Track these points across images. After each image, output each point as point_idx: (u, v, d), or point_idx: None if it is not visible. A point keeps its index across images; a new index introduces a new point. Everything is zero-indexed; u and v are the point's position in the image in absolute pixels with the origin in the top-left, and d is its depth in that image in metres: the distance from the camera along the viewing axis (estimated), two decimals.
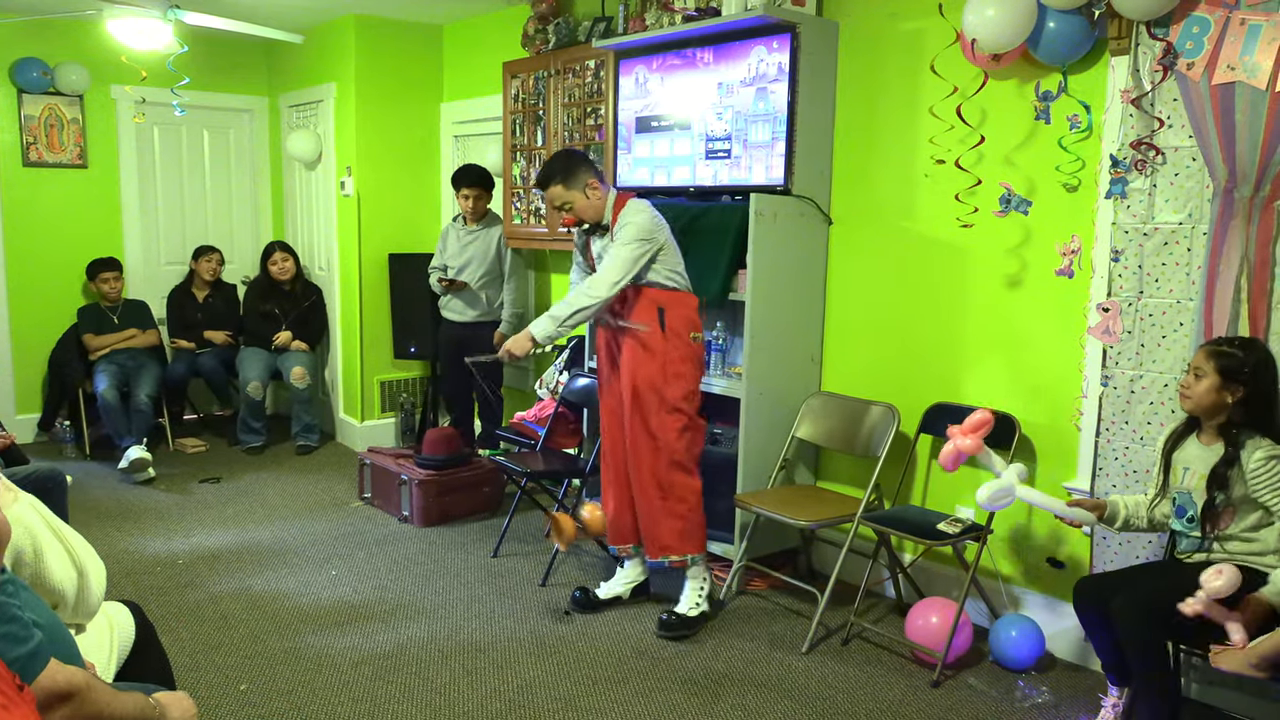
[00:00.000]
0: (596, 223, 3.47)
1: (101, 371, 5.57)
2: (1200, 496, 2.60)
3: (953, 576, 3.58)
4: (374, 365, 6.01)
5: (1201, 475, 2.60)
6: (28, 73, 5.71)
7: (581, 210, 3.42)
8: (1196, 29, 2.84)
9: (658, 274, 3.39)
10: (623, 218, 3.38)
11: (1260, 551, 2.55)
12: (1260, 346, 2.60)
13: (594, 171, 3.44)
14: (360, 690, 3.07)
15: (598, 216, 3.45)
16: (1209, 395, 2.56)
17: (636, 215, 3.36)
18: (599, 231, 3.50)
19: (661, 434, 3.42)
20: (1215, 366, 2.54)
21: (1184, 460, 2.68)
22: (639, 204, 3.42)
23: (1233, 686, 2.91)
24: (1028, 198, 3.31)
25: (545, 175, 3.43)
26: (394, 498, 4.79)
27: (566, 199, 3.40)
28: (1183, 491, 2.66)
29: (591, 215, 3.44)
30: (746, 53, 3.84)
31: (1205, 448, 2.63)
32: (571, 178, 3.38)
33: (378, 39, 5.73)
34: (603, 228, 3.47)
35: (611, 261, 3.32)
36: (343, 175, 5.88)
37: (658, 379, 3.40)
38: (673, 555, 3.50)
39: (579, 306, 3.31)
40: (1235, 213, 2.79)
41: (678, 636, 3.44)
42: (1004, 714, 2.99)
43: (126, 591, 3.73)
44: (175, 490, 5.17)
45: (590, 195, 3.40)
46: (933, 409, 3.61)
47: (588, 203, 3.41)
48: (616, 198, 3.46)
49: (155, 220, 6.42)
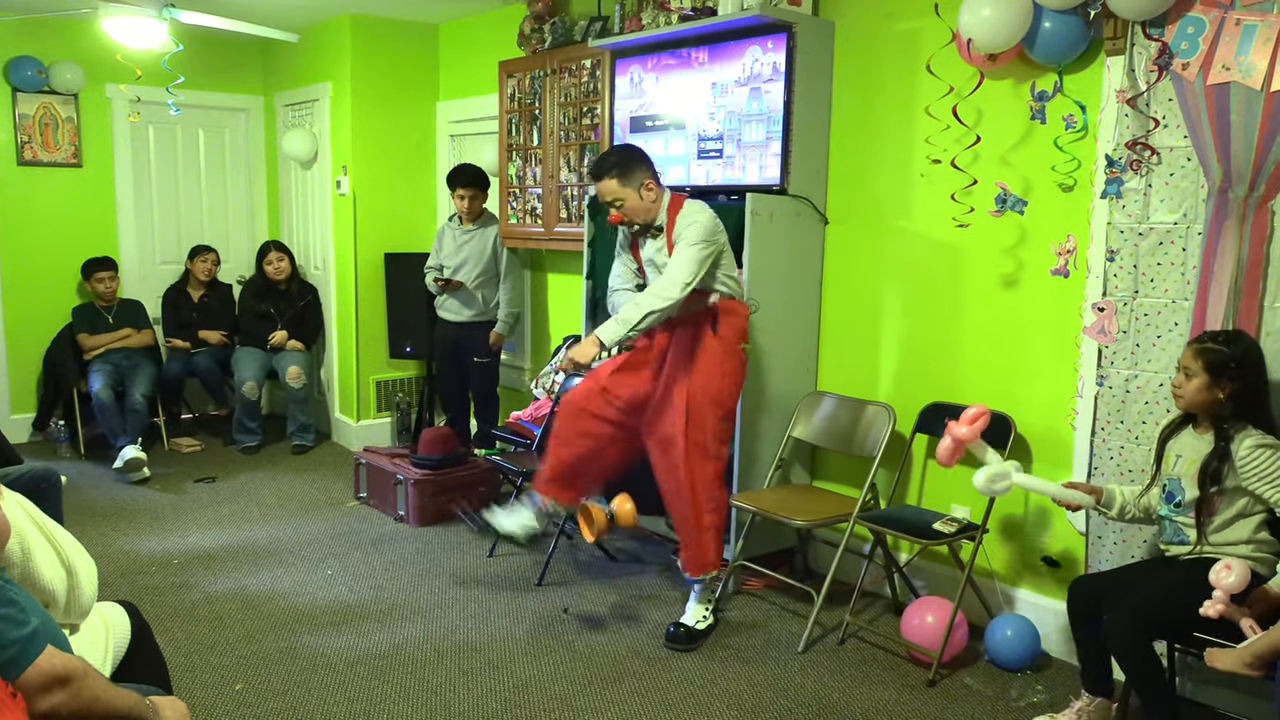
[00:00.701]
0: (647, 223, 3.34)
1: (96, 371, 5.56)
2: (1190, 485, 2.63)
3: (948, 576, 3.59)
4: (370, 365, 6.01)
5: (1192, 461, 2.62)
6: (22, 71, 5.70)
7: (632, 209, 3.28)
8: (1192, 29, 2.85)
9: (715, 278, 3.28)
10: (683, 218, 3.24)
11: (1233, 541, 2.58)
12: (1245, 339, 2.62)
13: (652, 171, 3.30)
14: (356, 690, 3.07)
15: (649, 217, 3.32)
16: (1200, 393, 2.58)
17: (700, 214, 3.23)
18: (649, 232, 3.36)
19: (714, 445, 3.33)
20: (1203, 364, 2.56)
21: (1177, 448, 2.71)
22: (697, 205, 3.29)
23: (1227, 685, 2.92)
24: (1023, 197, 3.31)
25: (601, 168, 3.28)
26: (390, 497, 4.79)
27: (620, 195, 3.26)
28: (1172, 478, 2.69)
29: (642, 215, 3.31)
30: (741, 52, 3.84)
31: (1199, 437, 2.66)
32: (628, 174, 3.24)
33: (373, 38, 5.72)
34: (655, 229, 3.34)
35: (681, 261, 3.16)
36: (338, 174, 5.88)
37: (711, 386, 3.29)
38: (712, 572, 3.43)
39: (650, 309, 3.13)
40: (1230, 213, 2.80)
41: (685, 649, 3.36)
42: (1000, 713, 3.00)
43: (121, 591, 3.73)
44: (170, 490, 5.16)
45: (644, 195, 3.27)
46: (928, 408, 3.61)
47: (640, 202, 3.28)
48: (672, 199, 3.33)
49: (150, 220, 6.41)
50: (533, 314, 5.52)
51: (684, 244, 3.19)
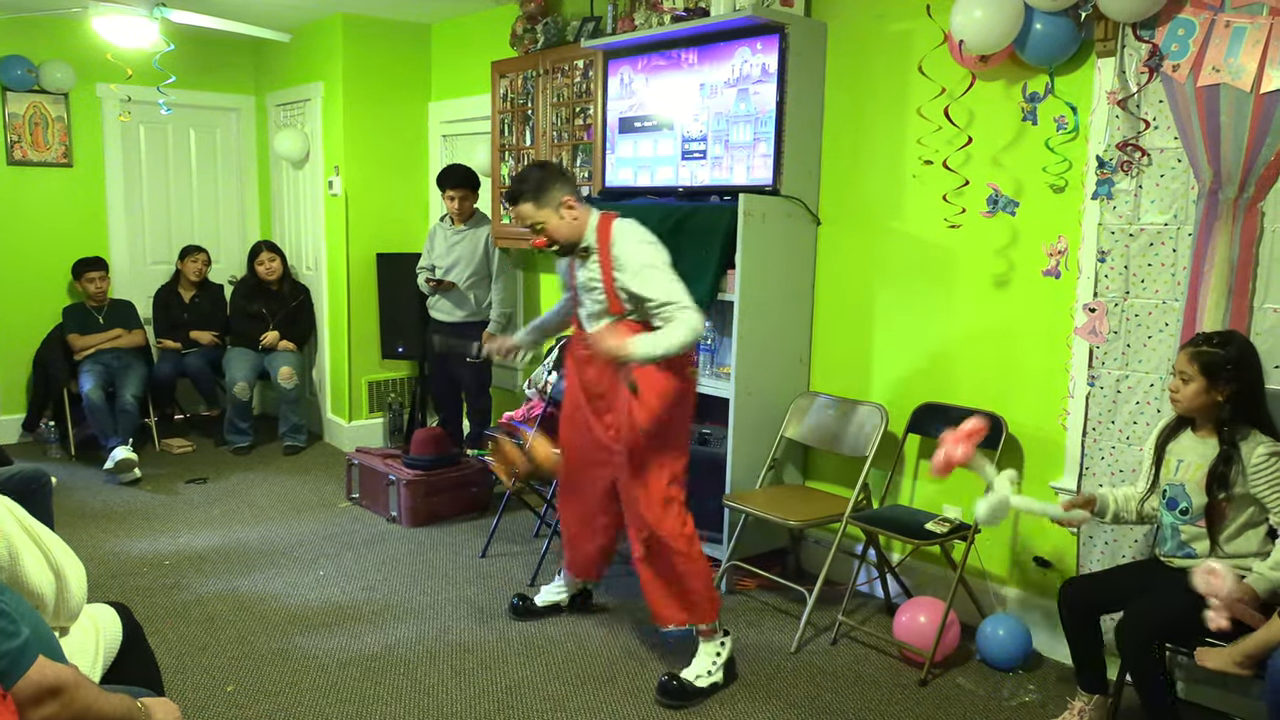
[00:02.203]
0: (573, 244, 3.08)
1: (87, 372, 5.53)
2: (1196, 492, 2.58)
3: (940, 576, 3.60)
4: (362, 365, 5.99)
5: (1198, 466, 2.58)
6: (12, 70, 5.67)
7: (554, 231, 3.03)
8: (1182, 31, 2.86)
9: None
10: (623, 243, 2.99)
11: (1245, 553, 2.55)
12: (1239, 339, 2.60)
13: (571, 189, 3.06)
14: (348, 691, 3.07)
15: (575, 238, 3.06)
16: (1198, 398, 2.55)
17: (640, 236, 3.02)
18: (579, 254, 3.10)
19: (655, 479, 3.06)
20: (1199, 367, 2.53)
21: (1178, 452, 2.66)
22: (631, 226, 3.06)
23: (1218, 684, 2.94)
24: (1015, 198, 3.32)
25: (514, 191, 3.04)
26: (382, 498, 4.78)
27: (538, 218, 3.02)
28: (1174, 484, 2.65)
29: (566, 236, 3.05)
30: (730, 54, 3.85)
31: (1200, 441, 2.62)
32: (544, 195, 3.00)
33: (365, 38, 5.71)
34: (583, 250, 3.08)
35: (662, 289, 2.91)
36: (330, 174, 5.86)
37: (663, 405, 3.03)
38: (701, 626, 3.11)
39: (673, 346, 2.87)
40: (1220, 214, 2.81)
41: (675, 706, 2.99)
42: (991, 713, 3.01)
43: (112, 593, 3.71)
44: (161, 491, 5.14)
45: (565, 215, 3.02)
46: (921, 409, 3.62)
47: (561, 223, 3.02)
48: (600, 219, 3.07)
49: (141, 220, 6.39)
50: (525, 315, 5.51)
51: (647, 272, 2.94)
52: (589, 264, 3.09)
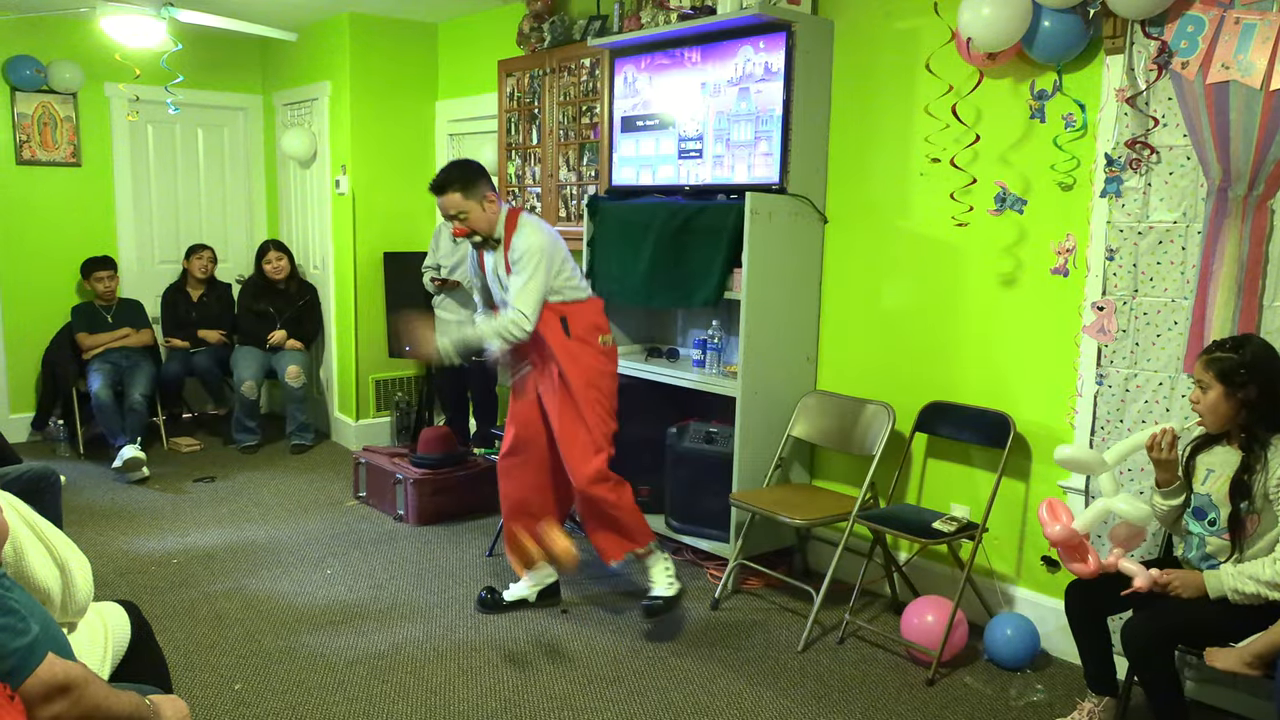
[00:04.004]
0: (488, 235, 3.40)
1: (96, 371, 5.55)
2: (1223, 502, 2.53)
3: (948, 575, 3.59)
4: (369, 364, 6.01)
5: (1226, 478, 2.53)
6: (21, 70, 5.69)
7: (476, 221, 3.35)
8: (1191, 28, 2.85)
9: (557, 291, 3.37)
10: (518, 240, 3.32)
11: None
12: (1254, 341, 2.55)
13: (491, 184, 3.40)
14: (355, 689, 3.07)
15: (490, 229, 3.39)
16: (1220, 405, 2.50)
17: (533, 236, 3.31)
18: (489, 244, 3.43)
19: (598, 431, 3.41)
20: (1215, 374, 2.49)
21: (1208, 463, 2.62)
22: (530, 222, 3.37)
23: (1227, 684, 2.92)
24: (1023, 196, 3.31)
25: (442, 181, 3.34)
26: (389, 497, 4.79)
27: (464, 208, 3.33)
28: (1202, 494, 2.60)
29: (485, 227, 3.38)
30: (734, 52, 3.84)
31: (1231, 451, 2.56)
32: (471, 187, 3.32)
33: (372, 37, 5.72)
34: (494, 241, 3.41)
35: (523, 294, 3.27)
36: (337, 174, 5.87)
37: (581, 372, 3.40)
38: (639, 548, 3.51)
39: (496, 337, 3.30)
40: (1229, 212, 2.80)
41: (665, 614, 3.49)
42: (999, 713, 3.00)
43: (121, 591, 3.73)
44: (170, 490, 5.16)
45: (486, 208, 3.35)
46: (928, 407, 3.61)
47: (483, 214, 3.35)
48: (509, 212, 3.40)
49: (149, 219, 6.41)
50: None
51: (523, 274, 3.28)
52: (497, 252, 3.43)
